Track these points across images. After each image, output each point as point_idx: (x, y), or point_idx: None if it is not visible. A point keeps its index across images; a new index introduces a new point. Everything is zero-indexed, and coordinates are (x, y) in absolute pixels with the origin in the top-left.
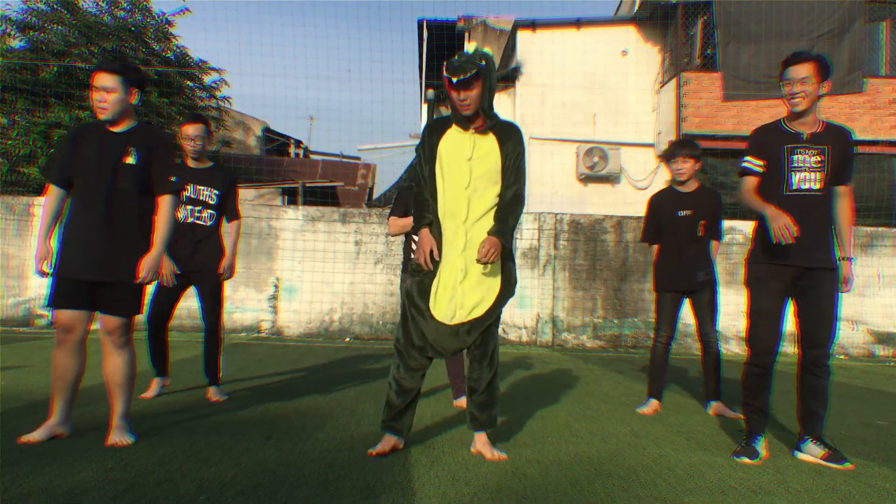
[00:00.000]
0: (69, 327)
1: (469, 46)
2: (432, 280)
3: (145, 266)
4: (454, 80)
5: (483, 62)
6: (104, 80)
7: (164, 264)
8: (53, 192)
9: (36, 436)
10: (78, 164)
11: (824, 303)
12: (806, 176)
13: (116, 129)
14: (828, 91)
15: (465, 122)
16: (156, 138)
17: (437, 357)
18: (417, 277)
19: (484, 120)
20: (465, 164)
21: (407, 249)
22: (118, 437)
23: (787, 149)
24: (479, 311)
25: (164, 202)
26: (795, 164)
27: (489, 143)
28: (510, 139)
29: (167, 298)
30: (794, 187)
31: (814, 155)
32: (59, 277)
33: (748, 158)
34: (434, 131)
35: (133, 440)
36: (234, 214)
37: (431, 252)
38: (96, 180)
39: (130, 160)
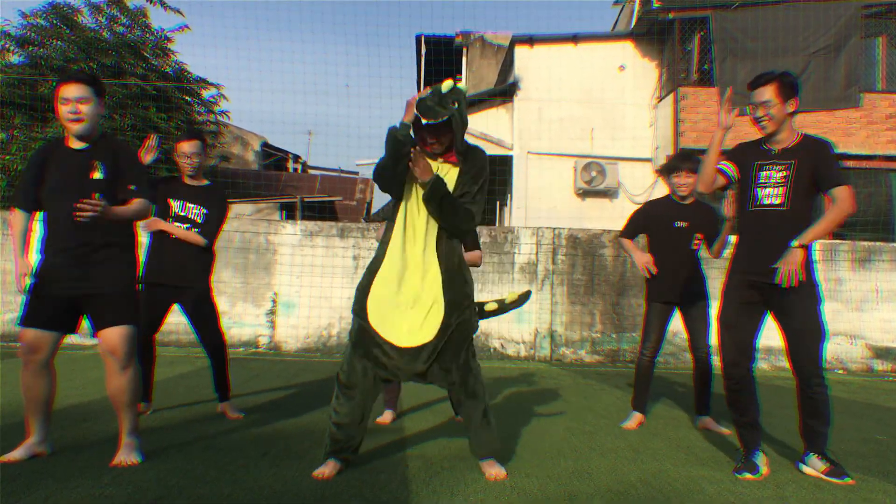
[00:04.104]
0: (34, 347)
1: (444, 85)
2: (370, 294)
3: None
4: (423, 121)
5: (456, 105)
6: (78, 90)
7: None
8: (18, 215)
9: (16, 455)
10: (48, 185)
11: (801, 319)
12: (770, 192)
13: (78, 146)
14: (795, 109)
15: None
16: (119, 148)
17: (393, 379)
18: (357, 293)
19: (455, 155)
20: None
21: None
22: (125, 456)
23: (756, 165)
24: (427, 336)
25: (136, 202)
26: (761, 181)
27: (453, 171)
28: (472, 169)
29: (152, 315)
30: (759, 203)
31: (780, 171)
32: (33, 297)
33: (724, 163)
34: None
35: (140, 460)
36: (208, 234)
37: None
38: (68, 201)
39: (97, 175)
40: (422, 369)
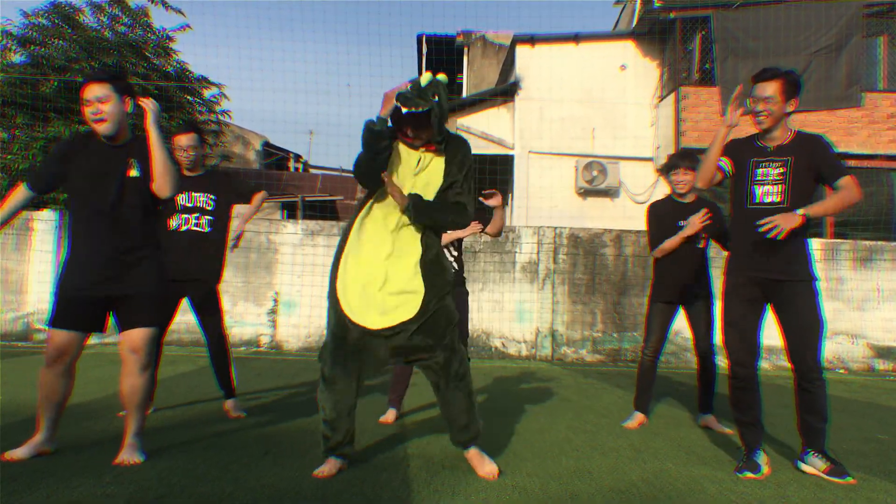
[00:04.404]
0: (63, 349)
1: (423, 78)
2: (338, 280)
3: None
4: (404, 110)
5: (436, 97)
6: (97, 90)
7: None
8: (23, 191)
9: (20, 453)
10: (78, 180)
11: (803, 315)
12: (768, 189)
13: (114, 143)
14: (795, 109)
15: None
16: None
17: (368, 372)
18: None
19: (435, 145)
20: (410, 178)
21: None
22: (127, 455)
23: (753, 162)
24: (404, 315)
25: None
26: (758, 178)
27: (437, 160)
28: (457, 156)
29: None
30: (757, 201)
31: (776, 168)
32: (61, 297)
33: (722, 158)
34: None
35: (143, 459)
36: (255, 188)
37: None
38: (101, 196)
39: (134, 173)
40: (399, 344)
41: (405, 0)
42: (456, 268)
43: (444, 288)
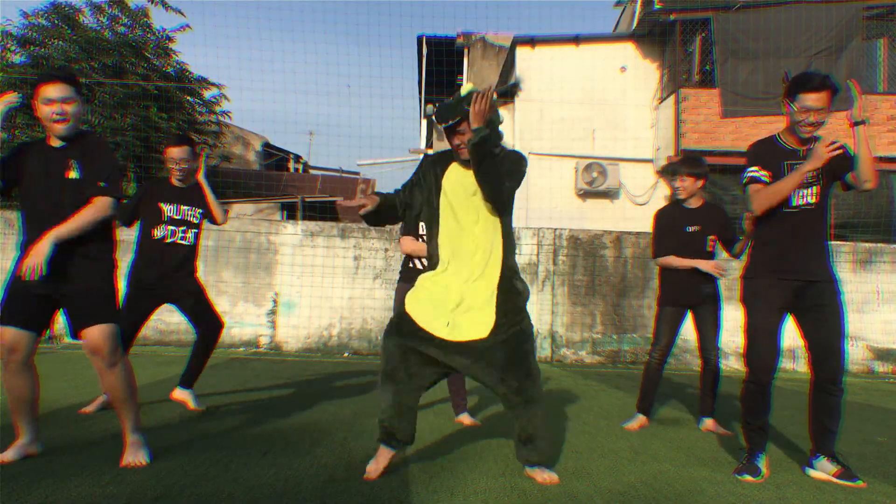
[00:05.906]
0: (12, 347)
1: (462, 89)
2: (407, 302)
3: (31, 256)
4: (439, 126)
5: (468, 107)
6: (62, 90)
7: (37, 254)
8: None
9: (8, 456)
10: (24, 183)
11: (832, 318)
12: (803, 192)
13: (57, 144)
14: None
15: (466, 162)
16: (90, 144)
17: (428, 377)
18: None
19: None
20: (470, 199)
21: (406, 260)
22: (132, 456)
23: (787, 165)
24: (479, 334)
25: (97, 200)
26: None
27: None
28: (509, 162)
29: (134, 318)
30: (794, 204)
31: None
32: (9, 294)
33: (754, 169)
34: (437, 163)
35: (149, 460)
36: (221, 217)
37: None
38: (44, 199)
39: (73, 174)
40: (469, 364)
41: (405, 0)
42: None
43: (517, 315)
